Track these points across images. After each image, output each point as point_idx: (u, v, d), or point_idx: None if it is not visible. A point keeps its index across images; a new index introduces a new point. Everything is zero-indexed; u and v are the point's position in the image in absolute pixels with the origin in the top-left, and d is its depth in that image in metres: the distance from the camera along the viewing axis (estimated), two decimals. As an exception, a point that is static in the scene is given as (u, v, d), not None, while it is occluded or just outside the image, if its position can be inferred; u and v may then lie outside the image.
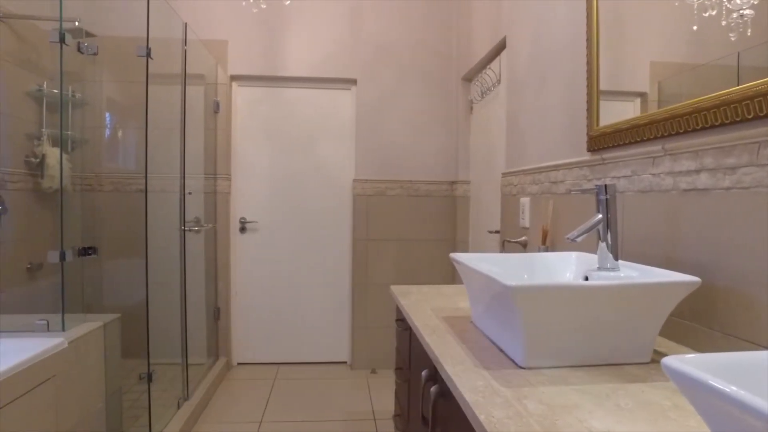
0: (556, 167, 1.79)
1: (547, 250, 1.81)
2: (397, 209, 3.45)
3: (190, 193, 2.80)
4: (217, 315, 3.36)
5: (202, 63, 3.12)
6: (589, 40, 1.51)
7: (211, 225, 3.28)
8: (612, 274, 1.12)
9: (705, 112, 1.01)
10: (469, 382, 0.85)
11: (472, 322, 1.27)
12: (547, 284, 0.87)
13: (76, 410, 1.90)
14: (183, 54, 2.76)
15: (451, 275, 3.46)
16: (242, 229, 3.46)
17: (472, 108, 3.29)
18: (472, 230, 3.26)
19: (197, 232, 3.02)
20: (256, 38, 3.34)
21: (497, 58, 2.65)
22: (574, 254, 1.32)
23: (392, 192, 3.44)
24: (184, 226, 2.75)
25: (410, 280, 3.44)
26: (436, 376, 1.09)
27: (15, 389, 1.54)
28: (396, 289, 1.73)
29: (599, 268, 1.15)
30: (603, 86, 1.47)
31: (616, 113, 1.40)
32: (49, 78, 2.84)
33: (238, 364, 3.48)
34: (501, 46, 2.52)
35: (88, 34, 2.61)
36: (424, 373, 1.18)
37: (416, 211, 3.46)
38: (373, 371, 3.42)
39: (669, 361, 0.53)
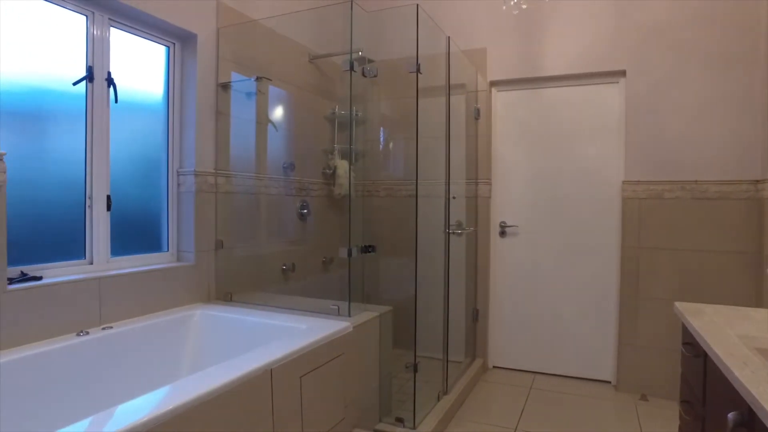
0: None
1: None
2: (676, 214, 2.96)
3: (453, 198, 2.95)
4: (475, 316, 3.46)
5: (463, 72, 3.26)
6: None
7: (472, 228, 3.39)
8: None
9: None
10: (814, 440, 0.65)
11: (803, 360, 0.98)
12: None
13: (357, 385, 2.20)
14: (447, 66, 2.93)
15: (753, 297, 2.79)
16: (502, 233, 3.48)
17: (787, 87, 2.60)
18: (788, 241, 2.57)
19: (459, 235, 3.16)
20: (513, 42, 3.31)
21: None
22: None
23: (670, 194, 2.97)
24: (448, 229, 2.91)
25: (692, 297, 2.91)
26: (752, 423, 0.88)
27: (319, 358, 1.88)
28: (683, 307, 1.48)
29: None
30: None
31: None
32: (339, 102, 3.41)
33: (494, 367, 3.51)
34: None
35: (369, 61, 3.02)
36: (730, 415, 0.96)
37: (703, 216, 2.91)
38: (643, 397, 3.01)
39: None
